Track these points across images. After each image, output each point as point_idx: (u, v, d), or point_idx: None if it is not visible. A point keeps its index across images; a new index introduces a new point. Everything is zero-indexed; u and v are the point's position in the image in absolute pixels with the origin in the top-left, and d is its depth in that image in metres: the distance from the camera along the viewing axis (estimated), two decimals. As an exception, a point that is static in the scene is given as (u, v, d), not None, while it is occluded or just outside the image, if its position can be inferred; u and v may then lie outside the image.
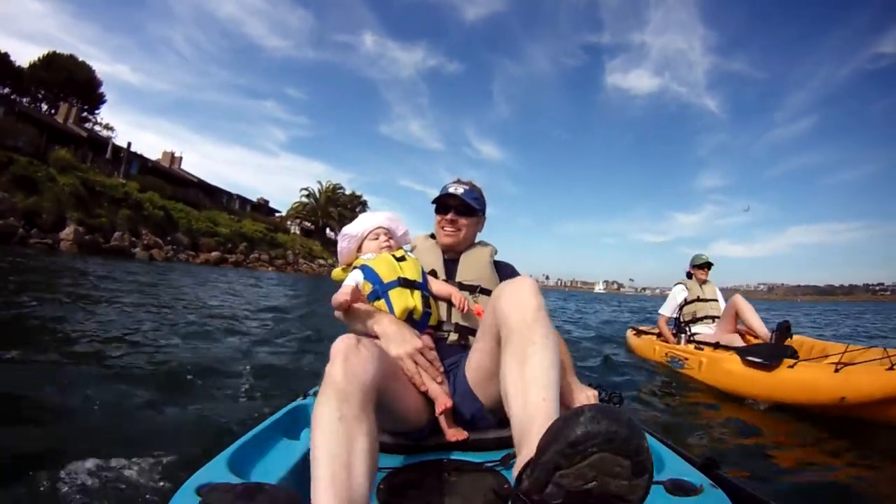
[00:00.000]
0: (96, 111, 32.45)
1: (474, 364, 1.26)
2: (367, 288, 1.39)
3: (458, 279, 1.58)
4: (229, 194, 39.17)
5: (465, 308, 1.46)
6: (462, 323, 1.50)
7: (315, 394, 1.43)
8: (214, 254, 22.52)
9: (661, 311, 4.65)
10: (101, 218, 17.79)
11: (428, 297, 1.45)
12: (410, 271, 1.44)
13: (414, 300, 1.38)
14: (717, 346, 3.74)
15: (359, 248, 1.55)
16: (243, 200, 40.76)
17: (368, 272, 1.40)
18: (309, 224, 43.87)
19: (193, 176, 35.70)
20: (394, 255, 1.47)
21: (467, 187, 1.64)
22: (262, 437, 1.20)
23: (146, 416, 2.11)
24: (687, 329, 4.35)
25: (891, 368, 2.45)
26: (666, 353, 4.32)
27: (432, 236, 1.73)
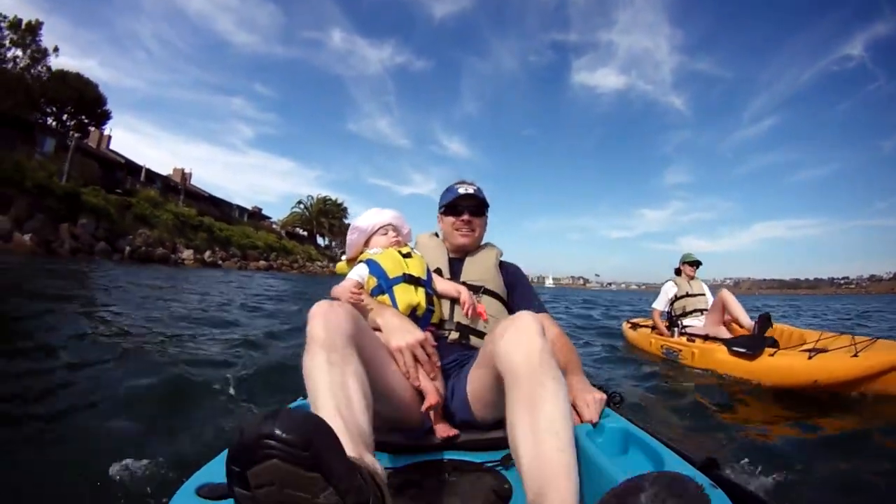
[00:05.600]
0: (103, 126, 36.45)
1: (471, 390, 1.35)
2: (372, 282, 1.53)
3: (462, 279, 1.72)
4: (230, 204, 48.62)
5: (471, 310, 1.57)
6: (464, 322, 1.61)
7: None
8: (262, 262, 33.13)
9: (654, 305, 5.48)
10: (196, 241, 28.05)
11: (432, 294, 1.57)
12: (416, 268, 1.57)
13: (418, 297, 1.51)
14: (706, 338, 4.52)
15: (366, 243, 1.69)
16: (241, 210, 50.29)
17: (374, 266, 1.54)
18: (302, 231, 55.15)
19: (204, 191, 45.10)
20: (400, 252, 1.61)
21: (475, 186, 1.81)
22: None
23: (147, 417, 2.25)
24: (679, 322, 5.14)
25: (855, 355, 3.17)
26: (662, 346, 5.05)
27: (436, 235, 1.91)
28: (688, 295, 5.23)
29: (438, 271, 1.73)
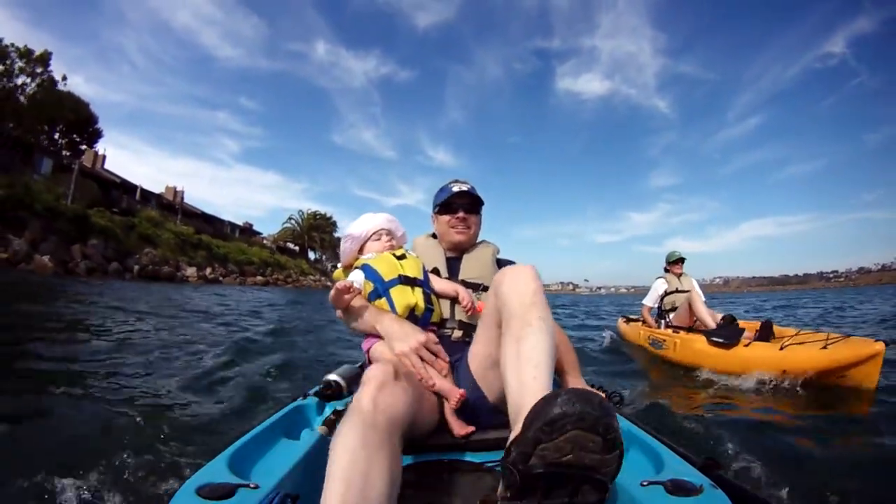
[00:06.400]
0: (94, 145, 35.13)
1: (477, 353, 1.39)
2: (369, 287, 1.55)
3: (461, 277, 1.75)
4: (222, 221, 49.55)
5: (470, 307, 1.61)
6: (466, 320, 1.64)
7: (315, 394, 1.66)
8: (259, 278, 34.40)
9: (644, 301, 5.95)
10: (196, 259, 29.19)
11: (429, 293, 1.61)
12: (411, 269, 1.61)
13: (415, 297, 1.54)
14: (690, 329, 4.89)
15: (360, 249, 1.73)
16: (233, 226, 51.30)
17: (369, 271, 1.57)
18: (294, 246, 56.87)
19: (197, 209, 46.06)
20: (394, 254, 1.64)
21: (469, 185, 1.84)
22: (262, 438, 1.28)
23: (147, 417, 2.30)
24: (667, 316, 5.56)
25: (824, 348, 3.39)
26: (648, 337, 5.52)
27: (433, 236, 1.93)
28: (677, 291, 5.62)
29: (436, 271, 1.77)
